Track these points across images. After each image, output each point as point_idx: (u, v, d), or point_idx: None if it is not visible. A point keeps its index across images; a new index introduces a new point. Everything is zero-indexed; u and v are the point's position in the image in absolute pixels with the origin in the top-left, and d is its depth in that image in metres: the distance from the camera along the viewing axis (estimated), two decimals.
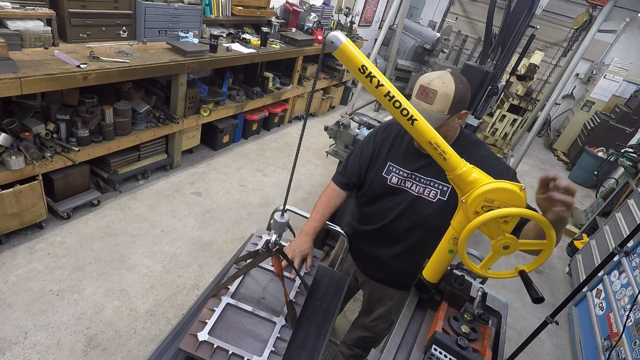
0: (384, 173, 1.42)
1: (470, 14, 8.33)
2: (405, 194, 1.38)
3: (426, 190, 1.35)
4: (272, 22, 4.19)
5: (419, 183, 1.36)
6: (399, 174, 1.39)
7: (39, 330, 1.94)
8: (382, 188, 1.42)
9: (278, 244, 1.17)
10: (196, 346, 0.99)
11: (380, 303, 1.68)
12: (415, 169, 1.37)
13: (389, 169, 1.41)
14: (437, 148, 1.00)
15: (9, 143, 2.14)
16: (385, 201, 1.43)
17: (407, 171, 1.38)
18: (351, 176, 1.49)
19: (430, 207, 1.35)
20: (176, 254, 2.61)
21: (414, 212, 1.38)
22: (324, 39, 0.89)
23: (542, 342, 2.75)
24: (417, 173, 1.37)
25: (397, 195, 1.40)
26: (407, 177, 1.38)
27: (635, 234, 1.96)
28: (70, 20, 2.55)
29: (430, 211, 1.35)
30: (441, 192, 1.34)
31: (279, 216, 1.17)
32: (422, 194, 1.36)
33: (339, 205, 1.53)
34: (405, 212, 1.39)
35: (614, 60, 6.50)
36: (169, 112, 3.17)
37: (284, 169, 4.01)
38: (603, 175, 4.91)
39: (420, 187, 1.36)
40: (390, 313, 1.67)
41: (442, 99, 1.19)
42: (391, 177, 1.40)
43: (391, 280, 1.61)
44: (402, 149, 1.41)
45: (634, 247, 2.61)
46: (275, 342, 1.05)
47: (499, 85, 2.37)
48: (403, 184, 1.39)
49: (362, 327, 1.82)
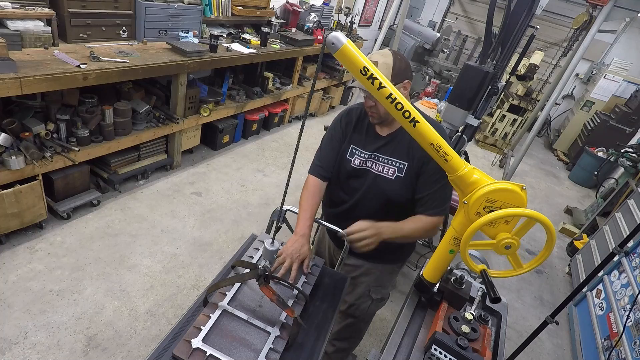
0: (347, 155, 1.49)
1: (470, 14, 8.33)
2: (368, 174, 1.46)
3: (385, 169, 1.44)
4: (272, 22, 4.19)
5: (378, 162, 1.45)
6: (361, 156, 1.47)
7: (39, 330, 1.94)
8: (346, 170, 1.50)
9: (267, 271, 1.17)
10: (189, 353, 1.00)
11: (358, 281, 1.69)
12: (375, 149, 1.45)
13: (352, 152, 1.49)
14: (439, 150, 1.00)
15: (9, 143, 2.14)
16: (351, 182, 1.51)
17: (368, 152, 1.46)
18: (328, 165, 1.52)
19: (390, 185, 1.43)
20: (176, 254, 2.61)
21: (376, 190, 1.46)
22: (324, 39, 0.89)
23: (542, 342, 2.76)
24: (376, 153, 1.45)
25: (360, 176, 1.48)
26: (368, 158, 1.46)
27: (635, 234, 1.96)
28: (70, 20, 2.55)
29: (390, 188, 1.43)
30: (398, 170, 1.42)
31: (269, 244, 1.17)
32: (382, 172, 1.44)
33: (323, 197, 1.54)
34: (368, 191, 1.47)
35: (614, 60, 6.50)
36: (169, 112, 3.17)
37: (284, 169, 4.01)
38: (603, 175, 4.91)
39: (380, 166, 1.44)
40: (369, 290, 1.68)
41: (383, 68, 1.27)
42: (354, 159, 1.48)
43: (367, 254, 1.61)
44: (363, 131, 1.49)
45: (634, 247, 2.61)
46: (268, 353, 1.05)
47: (499, 85, 2.36)
48: (365, 164, 1.47)
49: (342, 314, 1.79)
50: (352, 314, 1.75)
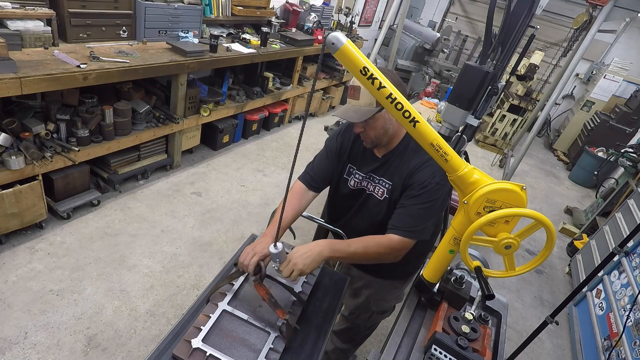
0: (345, 175, 1.48)
1: (470, 14, 8.33)
2: (361, 193, 1.46)
3: (376, 189, 1.42)
4: (272, 22, 4.19)
5: (373, 182, 1.43)
6: (356, 177, 1.45)
7: (39, 330, 1.94)
8: (343, 189, 1.49)
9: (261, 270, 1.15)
10: (189, 353, 1.00)
11: (360, 292, 1.68)
12: (370, 170, 1.43)
13: (349, 171, 1.48)
14: (439, 150, 1.00)
15: (9, 143, 2.13)
16: (347, 201, 1.50)
17: (363, 174, 1.44)
18: (317, 176, 1.48)
19: (378, 205, 1.42)
20: (176, 254, 2.61)
21: (365, 210, 1.46)
22: (324, 39, 0.88)
23: (542, 342, 2.76)
24: (372, 174, 1.43)
25: (354, 195, 1.48)
26: (363, 179, 1.44)
27: (635, 234, 1.96)
28: (70, 20, 2.55)
29: (377, 209, 1.42)
30: (387, 191, 1.39)
31: (273, 247, 1.13)
32: (374, 192, 1.43)
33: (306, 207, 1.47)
34: (360, 210, 1.48)
35: (614, 60, 6.50)
36: (169, 112, 3.17)
37: (284, 169, 4.01)
38: (603, 175, 4.90)
39: (372, 186, 1.43)
40: (369, 302, 1.67)
41: (367, 93, 1.21)
42: (350, 180, 1.47)
43: (366, 267, 1.63)
44: (361, 151, 1.45)
45: (634, 247, 2.61)
46: (267, 353, 1.05)
47: (499, 85, 2.36)
48: (360, 184, 1.45)
49: (344, 318, 1.81)
50: (352, 320, 1.76)
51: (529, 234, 1.06)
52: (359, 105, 1.24)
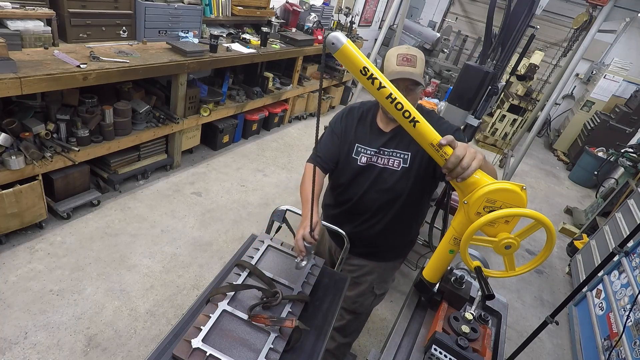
0: (353, 155, 1.50)
1: (470, 14, 8.33)
2: (373, 168, 1.47)
3: (390, 161, 1.45)
4: (272, 22, 4.19)
5: (384, 156, 1.46)
6: (367, 153, 1.48)
7: (39, 330, 1.94)
8: (353, 169, 1.50)
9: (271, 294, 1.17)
10: (189, 353, 1.00)
11: (361, 280, 1.69)
12: (380, 145, 1.46)
13: (357, 150, 1.50)
14: (439, 149, 1.00)
15: (9, 143, 2.13)
16: (357, 179, 1.51)
17: (374, 149, 1.47)
18: (326, 157, 1.52)
19: (395, 175, 1.44)
20: (176, 254, 2.61)
21: (381, 183, 1.47)
22: (324, 39, 0.88)
23: (542, 342, 2.76)
24: (383, 148, 1.46)
25: (366, 171, 1.49)
26: (374, 154, 1.47)
27: (635, 234, 1.96)
28: (70, 20, 2.55)
29: (395, 178, 1.44)
30: (403, 161, 1.44)
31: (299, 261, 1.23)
32: (387, 164, 1.45)
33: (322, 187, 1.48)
34: (373, 185, 1.48)
35: (614, 60, 6.50)
36: (169, 112, 3.17)
37: (284, 168, 4.01)
38: (603, 175, 4.90)
39: (385, 159, 1.46)
40: (372, 287, 1.69)
41: (421, 63, 1.35)
42: (360, 158, 1.49)
43: (370, 253, 1.64)
44: (367, 129, 1.50)
45: (634, 247, 2.61)
46: (267, 353, 1.05)
47: (499, 85, 2.37)
48: (371, 160, 1.48)
49: (345, 311, 1.78)
50: (354, 310, 1.76)
51: (529, 234, 1.06)
52: (418, 73, 1.33)
